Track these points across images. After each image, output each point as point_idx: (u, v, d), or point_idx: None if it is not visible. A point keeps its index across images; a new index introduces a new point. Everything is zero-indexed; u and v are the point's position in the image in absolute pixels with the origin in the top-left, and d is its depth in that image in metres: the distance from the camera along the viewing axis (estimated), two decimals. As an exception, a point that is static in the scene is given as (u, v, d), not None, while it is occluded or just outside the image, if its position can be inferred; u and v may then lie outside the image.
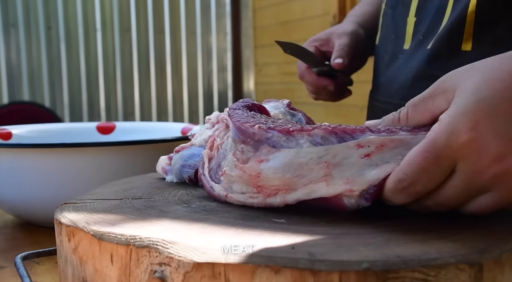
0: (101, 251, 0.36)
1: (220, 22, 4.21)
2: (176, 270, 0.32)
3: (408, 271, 0.30)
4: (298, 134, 0.40)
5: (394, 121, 0.41)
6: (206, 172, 0.48)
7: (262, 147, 0.41)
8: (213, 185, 0.45)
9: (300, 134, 0.40)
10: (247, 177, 0.42)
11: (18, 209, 0.72)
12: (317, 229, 0.37)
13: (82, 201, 0.46)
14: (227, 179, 0.43)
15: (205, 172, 0.48)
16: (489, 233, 0.35)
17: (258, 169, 0.41)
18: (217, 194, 0.45)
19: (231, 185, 0.43)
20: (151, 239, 0.34)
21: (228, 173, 0.43)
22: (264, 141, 0.41)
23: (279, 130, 0.41)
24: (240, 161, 0.42)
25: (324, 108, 3.31)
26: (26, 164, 0.67)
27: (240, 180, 0.42)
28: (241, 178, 0.42)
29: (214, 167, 0.47)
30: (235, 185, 0.43)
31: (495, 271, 0.31)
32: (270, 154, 0.41)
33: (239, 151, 0.42)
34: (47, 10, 3.75)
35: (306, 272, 0.30)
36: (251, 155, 0.42)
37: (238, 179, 0.42)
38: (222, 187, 0.44)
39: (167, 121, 4.04)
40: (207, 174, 0.47)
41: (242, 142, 0.43)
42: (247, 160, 0.42)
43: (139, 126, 0.98)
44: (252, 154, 0.42)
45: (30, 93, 3.76)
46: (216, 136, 0.50)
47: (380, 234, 0.35)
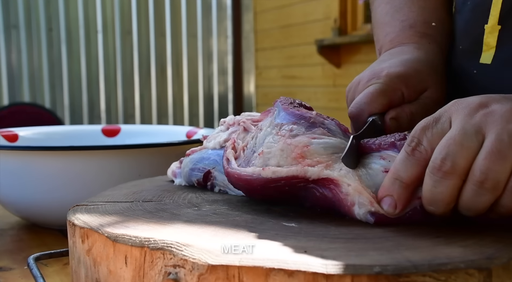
0: (115, 252, 0.37)
1: (221, 25, 4.22)
2: (190, 272, 0.33)
3: (419, 276, 0.30)
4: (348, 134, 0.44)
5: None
6: (234, 166, 0.46)
7: (316, 129, 0.43)
8: (245, 169, 0.44)
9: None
10: (291, 148, 0.42)
11: (25, 211, 0.72)
12: (327, 233, 0.37)
13: (93, 203, 0.46)
14: (263, 158, 0.43)
15: (232, 166, 0.46)
16: (498, 239, 0.35)
17: (307, 141, 0.42)
18: (250, 173, 0.43)
19: (267, 162, 0.43)
20: (165, 241, 0.35)
21: (266, 150, 0.43)
22: (319, 124, 0.44)
23: (338, 124, 0.45)
24: (287, 136, 0.43)
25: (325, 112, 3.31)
26: (33, 167, 0.67)
27: (280, 153, 0.42)
28: (283, 151, 0.42)
29: (242, 163, 0.46)
30: (272, 160, 0.43)
31: (503, 276, 0.32)
32: (325, 136, 0.43)
33: (286, 130, 0.43)
34: (48, 11, 3.76)
35: (319, 275, 0.30)
36: (301, 132, 0.43)
37: (278, 153, 0.42)
38: (256, 166, 0.43)
39: (168, 123, 4.05)
40: (235, 166, 0.46)
41: (292, 123, 0.44)
42: (296, 135, 0.43)
43: (144, 129, 0.98)
44: (304, 132, 0.43)
45: (31, 95, 3.76)
46: (236, 138, 0.49)
47: (389, 238, 0.36)
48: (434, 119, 0.40)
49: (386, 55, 0.59)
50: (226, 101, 4.30)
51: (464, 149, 0.36)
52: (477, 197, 0.36)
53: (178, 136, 0.88)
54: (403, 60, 0.55)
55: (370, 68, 0.55)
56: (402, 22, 0.62)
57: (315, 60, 3.36)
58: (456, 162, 0.36)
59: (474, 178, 0.36)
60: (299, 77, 3.61)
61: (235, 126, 0.51)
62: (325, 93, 3.38)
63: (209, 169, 0.51)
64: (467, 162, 0.37)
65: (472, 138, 0.37)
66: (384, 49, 0.62)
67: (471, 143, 0.37)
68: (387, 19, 0.64)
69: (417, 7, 0.63)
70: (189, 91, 4.18)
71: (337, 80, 3.27)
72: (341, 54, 3.20)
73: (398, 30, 0.62)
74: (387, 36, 0.62)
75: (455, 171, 0.37)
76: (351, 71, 3.14)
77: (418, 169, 0.38)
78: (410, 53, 0.57)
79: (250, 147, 0.47)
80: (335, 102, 3.29)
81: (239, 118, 0.50)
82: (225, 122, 0.52)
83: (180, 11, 4.09)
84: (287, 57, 3.72)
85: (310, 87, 3.52)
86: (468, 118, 0.38)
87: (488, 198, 0.36)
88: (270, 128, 0.45)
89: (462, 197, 0.37)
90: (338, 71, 3.25)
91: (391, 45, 0.61)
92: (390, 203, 0.39)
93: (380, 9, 0.66)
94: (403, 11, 0.63)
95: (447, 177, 0.37)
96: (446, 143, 0.37)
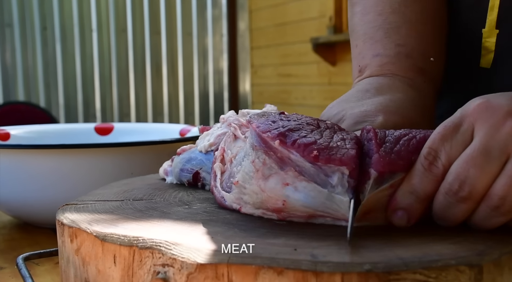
0: (104, 252, 0.36)
1: (216, 23, 4.22)
2: (179, 271, 0.32)
3: (409, 273, 0.30)
4: (327, 168, 0.36)
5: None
6: (218, 184, 0.44)
7: (287, 169, 0.36)
8: (224, 194, 0.42)
9: (329, 167, 0.36)
10: (266, 198, 0.38)
11: (16, 210, 0.72)
12: (318, 231, 0.37)
13: (83, 202, 0.46)
14: (238, 189, 0.40)
15: (217, 183, 0.44)
16: (489, 236, 0.35)
17: (282, 195, 0.37)
18: (229, 205, 0.41)
19: (241, 196, 0.40)
20: (154, 240, 0.34)
21: (241, 184, 0.39)
22: (287, 161, 0.36)
23: (303, 154, 0.36)
24: (260, 174, 0.37)
25: (320, 110, 3.32)
26: (25, 165, 0.67)
27: (255, 196, 0.38)
28: (257, 196, 0.38)
29: (226, 178, 0.44)
30: (247, 197, 0.39)
31: (494, 273, 0.31)
32: (297, 181, 0.36)
33: (259, 160, 0.37)
34: (42, 10, 3.75)
35: (308, 273, 0.30)
36: (273, 172, 0.37)
37: (254, 195, 0.39)
38: (233, 197, 0.41)
39: (163, 122, 4.04)
40: (219, 185, 0.43)
41: (264, 152, 0.37)
42: (269, 176, 0.37)
43: (137, 127, 0.98)
44: (275, 172, 0.37)
45: (25, 94, 3.75)
46: (226, 148, 0.46)
47: (380, 236, 0.36)
48: (454, 126, 0.36)
49: (373, 83, 0.52)
50: (221, 99, 4.30)
51: (484, 174, 0.34)
52: (490, 219, 0.35)
53: (172, 134, 0.88)
54: (398, 103, 0.48)
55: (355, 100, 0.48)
56: (398, 47, 0.55)
57: (311, 58, 3.36)
58: (475, 188, 0.34)
59: (491, 203, 0.34)
60: (295, 75, 3.61)
61: (224, 126, 0.50)
62: (320, 91, 3.38)
63: (197, 170, 0.50)
64: (486, 187, 0.34)
65: (496, 161, 0.34)
66: (369, 71, 0.55)
67: (494, 167, 0.34)
68: (380, 35, 0.56)
69: (416, 32, 0.56)
70: (185, 89, 4.18)
71: (332, 78, 3.27)
72: (336, 52, 3.20)
73: (392, 55, 0.55)
74: (377, 58, 0.55)
75: (472, 196, 0.34)
76: (347, 69, 3.14)
77: (435, 185, 0.36)
78: (404, 92, 0.50)
79: (237, 160, 0.43)
80: (331, 100, 3.26)
81: (233, 119, 0.48)
82: (224, 119, 0.51)
83: (175, 9, 4.08)
84: (282, 55, 3.72)
85: (305, 85, 3.51)
86: (494, 131, 0.34)
87: (501, 220, 0.35)
88: (249, 146, 0.40)
89: (475, 217, 0.36)
90: (333, 69, 3.25)
91: (381, 71, 0.54)
92: (402, 216, 0.36)
93: (368, 19, 0.57)
94: (400, 33, 0.55)
95: (464, 202, 0.35)
96: (466, 166, 0.34)
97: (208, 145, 0.50)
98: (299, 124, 0.39)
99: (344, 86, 3.16)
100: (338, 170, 0.36)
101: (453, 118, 0.37)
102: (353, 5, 0.60)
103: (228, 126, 0.49)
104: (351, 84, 0.99)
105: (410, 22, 0.56)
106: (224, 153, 0.46)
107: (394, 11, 0.56)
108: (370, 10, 0.58)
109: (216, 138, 0.49)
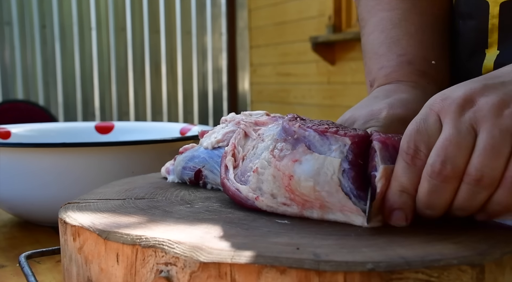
0: (107, 250, 0.36)
1: (215, 22, 4.22)
2: (182, 270, 0.33)
3: (412, 272, 0.30)
4: (332, 137, 0.39)
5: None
6: (231, 176, 0.44)
7: (299, 146, 0.39)
8: (239, 186, 0.43)
9: (335, 138, 0.39)
10: (281, 176, 0.39)
11: (17, 208, 0.72)
12: (320, 230, 0.37)
13: (85, 200, 0.46)
14: (256, 178, 0.41)
15: (229, 176, 0.45)
16: (490, 235, 0.35)
17: (291, 170, 0.39)
18: (244, 196, 0.42)
19: (260, 185, 0.41)
20: (157, 239, 0.34)
21: (260, 170, 0.41)
22: (301, 139, 0.39)
23: (315, 129, 0.39)
24: (276, 158, 0.40)
25: (319, 109, 3.32)
26: (26, 164, 0.67)
27: (272, 180, 0.40)
28: (274, 178, 0.40)
29: (239, 173, 0.45)
30: (265, 185, 0.41)
31: (496, 272, 0.32)
32: (304, 155, 0.39)
33: (277, 149, 0.40)
34: (41, 8, 3.74)
35: (311, 272, 0.30)
36: (288, 153, 0.39)
37: (270, 178, 0.40)
38: (250, 188, 0.42)
39: (162, 121, 4.04)
40: (232, 177, 0.44)
41: (283, 140, 0.40)
42: (283, 157, 0.39)
43: (137, 126, 0.98)
44: (289, 153, 0.39)
45: (24, 92, 3.75)
46: (236, 144, 0.47)
47: (381, 235, 0.36)
48: (422, 120, 0.38)
49: (380, 91, 0.56)
50: (220, 98, 4.30)
51: (462, 149, 0.36)
52: (472, 196, 0.36)
53: (172, 133, 0.88)
54: (402, 100, 0.51)
55: (365, 105, 0.51)
56: (399, 57, 0.59)
57: (310, 57, 3.36)
58: (456, 164, 0.36)
59: (470, 178, 0.36)
60: (294, 74, 3.61)
61: (231, 125, 0.51)
62: (319, 90, 3.38)
63: (199, 168, 0.51)
64: (466, 163, 0.36)
65: (467, 137, 0.36)
66: (377, 83, 0.59)
67: (467, 142, 0.36)
68: (383, 50, 0.60)
69: (416, 40, 0.59)
70: (184, 88, 4.18)
71: (331, 77, 3.27)
72: (335, 51, 3.20)
73: (395, 64, 0.58)
74: (382, 70, 0.59)
75: (455, 174, 0.36)
76: (346, 68, 3.14)
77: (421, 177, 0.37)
78: (407, 92, 0.54)
79: (249, 157, 0.45)
80: (330, 100, 3.29)
81: (240, 117, 0.49)
82: (226, 120, 0.52)
83: (174, 7, 4.08)
84: (281, 54, 3.72)
85: (304, 84, 3.52)
86: (458, 116, 0.37)
87: (483, 196, 0.36)
88: (270, 142, 0.43)
89: (458, 197, 0.37)
90: (332, 68, 3.25)
91: (386, 81, 0.58)
92: (400, 216, 0.37)
93: (373, 37, 0.62)
94: (401, 44, 0.59)
95: (448, 181, 0.36)
96: (443, 145, 0.36)
97: (215, 142, 0.50)
98: (319, 121, 0.43)
99: (343, 85, 3.16)
100: (341, 141, 0.38)
101: (419, 115, 0.39)
102: (362, 28, 0.65)
103: (237, 124, 0.49)
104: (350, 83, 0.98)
105: (409, 34, 0.59)
106: (235, 149, 0.47)
107: (395, 26, 0.60)
108: (374, 29, 0.62)
109: (223, 136, 0.50)
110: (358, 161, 0.38)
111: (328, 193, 0.38)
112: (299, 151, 0.39)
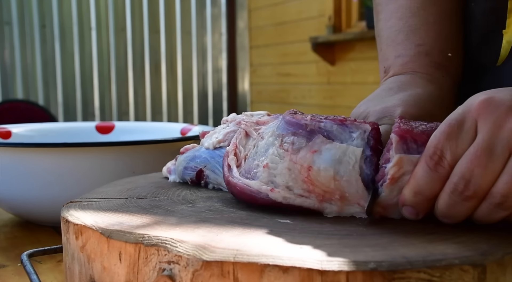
0: (110, 249, 0.36)
1: (215, 22, 4.22)
2: (185, 269, 0.33)
3: (414, 272, 0.30)
4: (352, 125, 0.40)
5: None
6: (236, 174, 0.44)
7: (316, 137, 0.39)
8: (248, 182, 0.42)
9: (354, 125, 0.40)
10: (298, 169, 0.39)
11: (18, 208, 0.72)
12: (322, 229, 0.37)
13: (87, 199, 0.46)
14: (267, 173, 0.41)
15: (233, 174, 0.44)
16: (492, 236, 0.35)
17: (310, 161, 0.39)
18: (255, 189, 0.41)
19: (272, 179, 0.41)
20: (159, 237, 0.34)
21: (271, 165, 0.41)
22: (317, 130, 0.40)
23: (333, 119, 0.40)
24: (290, 151, 0.40)
25: (319, 109, 3.32)
26: (27, 163, 0.67)
27: (288, 173, 0.40)
28: (290, 170, 0.40)
29: (243, 171, 0.44)
30: (278, 178, 0.40)
31: (497, 272, 0.32)
32: (323, 145, 0.39)
33: (287, 143, 0.40)
34: (41, 8, 3.74)
35: (314, 271, 0.30)
36: (303, 145, 0.40)
37: (285, 172, 0.40)
38: (261, 182, 0.41)
39: (162, 121, 4.04)
40: (237, 175, 0.44)
41: (292, 134, 0.40)
42: (299, 150, 0.40)
43: (138, 126, 0.98)
44: (305, 144, 0.40)
45: (24, 92, 3.75)
46: (238, 144, 0.47)
47: (384, 235, 0.36)
48: (458, 124, 0.36)
49: (395, 82, 0.55)
50: (220, 98, 4.30)
51: (488, 172, 0.34)
52: (493, 215, 0.36)
53: (173, 133, 0.88)
54: (416, 97, 0.51)
55: (380, 98, 0.51)
56: (417, 47, 0.59)
57: (310, 57, 3.36)
58: (480, 186, 0.35)
59: (494, 201, 0.35)
60: (294, 75, 3.62)
61: (232, 125, 0.51)
62: (319, 91, 3.39)
63: (200, 168, 0.51)
64: (490, 185, 0.35)
65: (499, 159, 0.34)
66: (392, 71, 0.59)
67: (497, 165, 0.34)
68: (401, 38, 0.60)
69: (434, 32, 0.59)
70: (183, 88, 4.18)
71: (331, 77, 3.28)
72: (335, 51, 3.21)
73: (413, 54, 0.58)
74: (398, 58, 0.59)
75: (476, 195, 0.35)
76: (346, 69, 3.15)
77: (441, 184, 0.37)
78: (423, 86, 0.54)
79: (251, 156, 0.45)
80: (330, 100, 3.29)
81: (241, 118, 0.49)
82: (227, 121, 0.52)
83: (174, 8, 4.08)
84: (281, 55, 3.73)
85: (304, 84, 3.52)
86: (497, 128, 0.35)
87: (503, 215, 0.36)
88: (272, 138, 0.43)
89: (478, 213, 0.36)
90: (332, 68, 3.25)
91: (403, 70, 0.58)
92: (411, 212, 0.38)
93: (390, 24, 0.61)
94: (419, 34, 0.59)
95: (468, 200, 0.36)
96: (471, 166, 0.35)
97: (216, 142, 0.50)
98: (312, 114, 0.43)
99: (343, 86, 3.16)
100: (361, 128, 0.40)
101: (456, 115, 0.37)
102: (378, 13, 0.65)
103: (238, 124, 0.49)
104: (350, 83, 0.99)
105: (428, 24, 0.59)
106: (236, 149, 0.47)
107: (413, 15, 0.60)
108: (392, 16, 0.62)
109: (224, 136, 0.50)
110: (378, 147, 0.40)
111: (348, 182, 0.39)
112: (316, 142, 0.40)
